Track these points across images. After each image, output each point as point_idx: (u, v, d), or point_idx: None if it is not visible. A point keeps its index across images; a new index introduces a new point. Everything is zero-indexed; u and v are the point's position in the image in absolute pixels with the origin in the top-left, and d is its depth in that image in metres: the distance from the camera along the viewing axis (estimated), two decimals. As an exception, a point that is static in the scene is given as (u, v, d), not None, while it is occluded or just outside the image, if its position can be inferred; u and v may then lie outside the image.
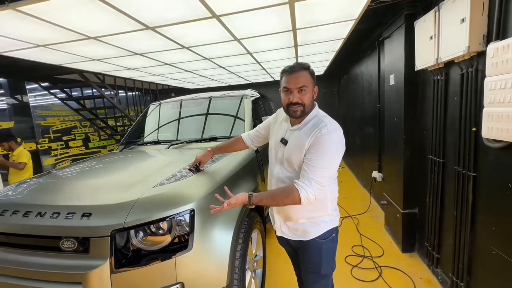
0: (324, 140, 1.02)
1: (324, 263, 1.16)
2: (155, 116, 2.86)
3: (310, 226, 1.15)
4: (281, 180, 1.18)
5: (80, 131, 5.08)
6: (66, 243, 1.13)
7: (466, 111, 1.50)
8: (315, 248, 1.16)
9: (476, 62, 1.41)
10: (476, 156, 1.46)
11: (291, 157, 1.11)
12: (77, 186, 1.51)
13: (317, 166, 1.01)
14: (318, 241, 1.15)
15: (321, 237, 1.15)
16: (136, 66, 3.39)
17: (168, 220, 1.17)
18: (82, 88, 4.89)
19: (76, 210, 1.18)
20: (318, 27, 2.33)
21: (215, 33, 2.26)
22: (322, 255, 1.16)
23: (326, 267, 1.17)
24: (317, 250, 1.16)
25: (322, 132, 1.03)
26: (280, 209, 1.21)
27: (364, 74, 3.89)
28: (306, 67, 1.09)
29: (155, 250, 1.16)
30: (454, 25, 1.46)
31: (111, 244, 1.10)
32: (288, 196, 1.02)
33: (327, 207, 1.15)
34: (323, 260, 1.16)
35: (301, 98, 1.06)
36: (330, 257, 1.19)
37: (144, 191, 1.26)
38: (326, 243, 1.16)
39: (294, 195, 1.01)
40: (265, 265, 2.02)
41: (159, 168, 1.63)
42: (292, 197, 1.01)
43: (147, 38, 2.24)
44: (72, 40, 2.14)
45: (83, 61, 2.94)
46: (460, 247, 1.63)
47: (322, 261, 1.16)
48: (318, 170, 1.01)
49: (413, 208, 2.29)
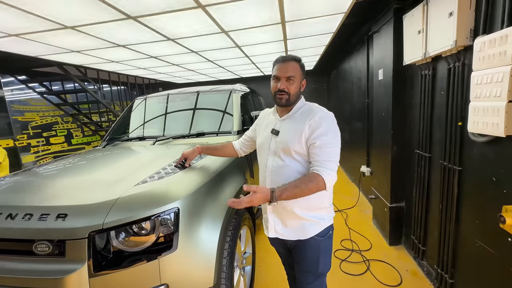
0: (324, 122, 1.04)
1: (322, 261, 1.14)
2: (141, 111, 2.75)
3: (308, 223, 1.12)
4: (275, 171, 1.13)
5: (62, 127, 4.86)
6: (39, 246, 1.06)
7: (453, 106, 1.51)
8: (313, 246, 1.13)
9: (463, 57, 1.41)
10: (461, 150, 1.48)
11: (287, 145, 1.09)
12: (54, 185, 1.42)
13: (328, 147, 1.02)
14: (316, 239, 1.13)
15: (320, 234, 1.13)
16: (120, 59, 3.25)
17: (151, 220, 1.11)
18: (63, 82, 4.67)
19: (51, 211, 1.11)
20: (307, 20, 2.29)
21: (201, 25, 2.17)
22: (320, 253, 1.14)
23: (323, 265, 1.15)
24: (315, 248, 1.13)
25: (320, 115, 1.06)
26: (274, 208, 1.17)
27: (353, 69, 3.89)
28: (297, 59, 1.12)
29: (138, 251, 1.11)
30: (442, 19, 1.46)
31: (89, 247, 1.03)
32: (312, 181, 0.98)
33: (324, 199, 1.13)
34: (320, 258, 1.14)
35: (288, 87, 1.09)
36: (327, 255, 1.17)
37: (126, 189, 1.20)
38: (324, 241, 1.14)
39: (318, 179, 0.98)
40: (254, 262, 2.01)
41: (143, 165, 1.56)
42: (317, 181, 0.98)
43: (130, 29, 2.13)
44: (47, 29, 2.01)
45: (61, 53, 2.78)
46: (445, 239, 1.66)
47: (319, 259, 1.14)
48: (329, 151, 1.02)
49: (400, 202, 2.32)
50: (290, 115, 1.15)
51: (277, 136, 1.14)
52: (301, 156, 1.08)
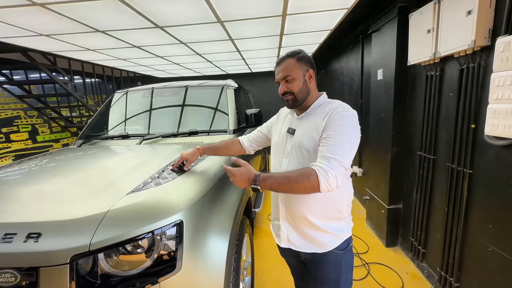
0: (340, 116, 0.91)
1: (343, 278, 1.01)
2: (121, 106, 2.47)
3: (327, 236, 0.99)
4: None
5: (25, 121, 4.30)
6: (2, 276, 0.82)
7: (464, 108, 1.48)
8: (333, 261, 1.00)
9: (479, 57, 1.38)
10: (473, 153, 1.45)
11: (303, 142, 0.98)
12: (20, 194, 1.15)
13: (336, 143, 0.86)
14: (336, 253, 1.00)
15: (340, 248, 1.00)
16: (98, 46, 2.90)
17: (150, 237, 0.92)
18: (26, 71, 4.13)
19: (18, 229, 0.87)
20: (309, 14, 2.18)
21: (197, 12, 1.96)
22: (341, 269, 1.00)
23: (345, 283, 1.02)
24: (336, 264, 1.00)
25: (338, 110, 0.93)
26: (288, 213, 1.04)
27: (344, 69, 3.88)
28: (291, 55, 1.01)
29: (132, 275, 0.91)
30: (458, 18, 1.41)
31: (71, 274, 0.82)
32: (303, 175, 0.81)
33: (342, 210, 1.01)
34: (342, 275, 1.01)
35: (288, 87, 1.01)
36: (349, 271, 1.05)
37: (116, 199, 0.99)
38: (345, 255, 1.01)
39: (311, 175, 0.80)
40: (253, 271, 1.86)
41: (133, 169, 1.34)
42: (308, 177, 0.80)
43: (112, 11, 1.86)
44: (10, 5, 1.68)
45: (27, 36, 2.39)
46: (450, 242, 1.64)
47: (341, 276, 1.00)
48: (337, 147, 0.85)
49: (398, 203, 2.31)
50: (309, 113, 1.03)
51: (293, 136, 1.03)
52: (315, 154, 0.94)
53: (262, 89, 6.33)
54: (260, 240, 2.56)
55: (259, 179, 0.85)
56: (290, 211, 1.04)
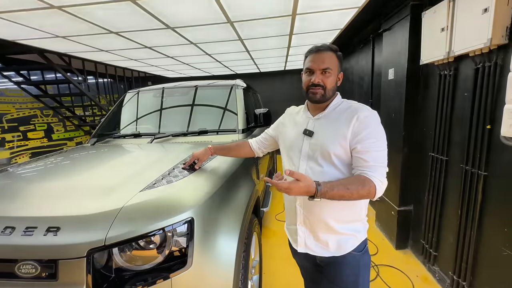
0: (370, 122, 0.92)
1: (361, 279, 0.99)
2: (133, 106, 2.52)
3: (345, 238, 0.98)
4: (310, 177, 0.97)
5: (41, 120, 4.45)
6: (24, 267, 0.86)
7: (480, 108, 1.44)
8: (352, 263, 0.99)
9: (495, 56, 1.34)
10: (488, 155, 1.42)
11: (326, 148, 0.94)
12: (39, 189, 1.19)
13: (377, 151, 0.90)
14: (355, 255, 0.98)
15: (357, 249, 0.99)
16: (110, 47, 2.98)
17: (162, 233, 0.95)
18: (43, 72, 4.27)
19: (38, 223, 0.91)
20: (319, 13, 2.16)
21: (207, 13, 1.99)
22: (359, 271, 0.99)
23: (363, 284, 1.00)
24: (354, 265, 0.99)
25: (365, 114, 0.92)
26: (306, 217, 1.03)
27: (354, 69, 3.84)
28: (334, 49, 0.98)
29: (145, 270, 0.94)
30: (474, 16, 1.38)
31: (87, 267, 0.85)
32: (364, 186, 0.84)
33: (361, 211, 1.01)
34: (360, 276, 0.99)
35: (323, 80, 0.96)
36: (366, 272, 1.03)
37: (130, 196, 1.02)
38: (363, 256, 1.00)
39: (371, 186, 0.84)
40: (261, 270, 1.88)
41: (146, 167, 1.38)
42: (369, 187, 0.84)
43: (127, 13, 1.90)
44: (28, 8, 1.74)
45: (44, 37, 2.48)
46: (463, 246, 1.60)
47: (359, 277, 0.99)
48: (379, 155, 0.90)
49: (408, 205, 2.27)
50: (326, 114, 1.00)
51: (311, 138, 1.00)
52: (341, 161, 0.94)
53: (271, 89, 6.33)
54: (268, 239, 2.57)
55: (320, 193, 0.82)
56: (310, 216, 1.02)
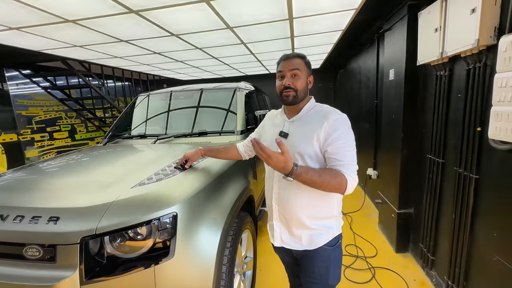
0: (340, 125, 0.99)
1: (332, 272, 1.07)
2: (143, 108, 2.70)
3: (317, 233, 1.05)
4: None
5: (65, 122, 4.85)
6: (30, 250, 1.01)
7: (471, 110, 1.41)
8: (323, 256, 1.06)
9: (485, 57, 1.31)
10: (479, 157, 1.38)
11: (300, 149, 1.01)
12: (49, 184, 1.37)
13: (348, 150, 0.97)
14: (326, 249, 1.06)
15: (329, 244, 1.06)
16: (123, 54, 3.19)
17: (147, 226, 1.05)
18: (67, 77, 4.65)
19: (43, 213, 1.05)
20: (315, 16, 2.19)
21: (206, 20, 2.10)
22: (330, 264, 1.07)
23: (333, 277, 1.08)
24: (325, 259, 1.07)
25: (335, 117, 0.99)
26: (281, 214, 1.11)
27: (361, 69, 3.78)
28: (302, 56, 1.07)
29: (132, 258, 1.05)
30: (463, 16, 1.35)
31: (80, 252, 0.98)
32: (336, 177, 0.91)
33: (333, 208, 1.07)
34: (330, 269, 1.07)
35: (294, 83, 1.03)
36: (337, 266, 1.10)
37: (121, 192, 1.14)
38: (334, 251, 1.07)
39: (343, 179, 0.91)
40: (255, 266, 1.94)
41: (142, 166, 1.50)
42: (340, 179, 0.91)
43: (132, 23, 2.07)
44: (48, 23, 1.96)
45: (64, 47, 2.74)
46: (457, 251, 1.57)
47: (329, 270, 1.07)
48: (349, 154, 0.97)
49: (408, 208, 2.23)
50: (300, 116, 1.08)
51: (286, 140, 1.06)
52: (313, 161, 1.00)
53: (281, 90, 6.34)
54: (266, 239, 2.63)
55: (295, 173, 0.88)
56: (284, 212, 1.10)
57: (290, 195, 1.06)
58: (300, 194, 1.04)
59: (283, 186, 1.08)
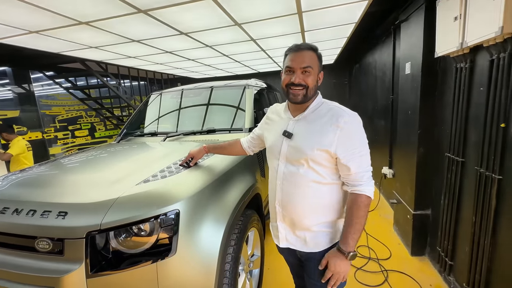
0: (352, 127, 0.93)
1: None
2: (155, 106, 2.75)
3: (323, 235, 1.01)
4: (288, 179, 1.01)
5: (85, 120, 5.09)
6: (41, 243, 1.06)
7: (494, 104, 1.30)
8: None
9: (510, 46, 1.19)
10: (503, 156, 1.27)
11: (304, 152, 0.94)
12: (61, 181, 1.43)
13: (361, 155, 0.93)
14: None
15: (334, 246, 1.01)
16: (136, 54, 3.28)
17: (151, 222, 1.07)
18: (86, 77, 4.86)
19: (53, 208, 1.10)
20: (326, 9, 2.12)
21: (213, 17, 2.09)
22: None
23: None
24: None
25: (346, 119, 0.92)
26: (285, 215, 1.07)
27: (377, 63, 3.62)
28: (314, 48, 0.96)
29: (135, 254, 1.07)
30: (485, 2, 1.24)
31: (86, 247, 1.01)
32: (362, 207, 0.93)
33: (339, 211, 1.02)
34: None
35: (305, 80, 0.93)
36: None
37: (126, 188, 1.16)
38: None
39: (367, 202, 0.94)
40: (263, 265, 1.93)
41: (149, 163, 1.53)
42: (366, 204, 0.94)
43: (141, 23, 2.10)
44: (63, 25, 2.04)
45: (81, 49, 2.85)
46: (477, 256, 1.46)
47: None
48: (364, 160, 0.94)
49: (425, 209, 2.11)
50: (306, 115, 0.99)
51: (290, 140, 1.00)
52: (318, 165, 0.95)
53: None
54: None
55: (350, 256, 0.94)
56: (288, 214, 1.06)
57: (294, 200, 1.02)
58: (304, 199, 1.00)
59: (286, 190, 1.03)
